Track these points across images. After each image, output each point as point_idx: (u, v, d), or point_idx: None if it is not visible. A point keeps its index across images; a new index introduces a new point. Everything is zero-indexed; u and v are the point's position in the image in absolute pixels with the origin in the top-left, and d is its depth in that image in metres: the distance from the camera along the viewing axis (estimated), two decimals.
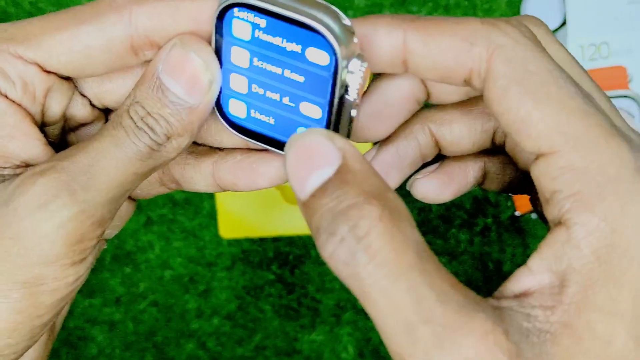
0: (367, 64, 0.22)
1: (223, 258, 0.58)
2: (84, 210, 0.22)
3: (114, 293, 0.59)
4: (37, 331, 0.23)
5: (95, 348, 0.60)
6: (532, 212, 0.56)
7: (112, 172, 0.23)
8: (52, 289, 0.23)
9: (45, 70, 0.24)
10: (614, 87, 0.51)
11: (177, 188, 0.28)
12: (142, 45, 0.23)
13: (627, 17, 0.50)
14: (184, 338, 0.60)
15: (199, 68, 0.23)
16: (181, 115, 0.23)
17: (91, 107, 0.26)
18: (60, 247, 0.22)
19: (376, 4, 0.54)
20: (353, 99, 0.23)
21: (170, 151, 0.24)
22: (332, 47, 0.22)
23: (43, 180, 0.22)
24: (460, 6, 0.54)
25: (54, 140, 0.26)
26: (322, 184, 0.20)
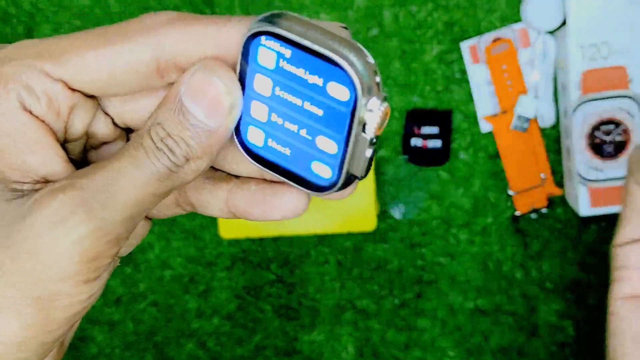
0: (387, 104, 0.22)
1: (223, 258, 0.58)
2: (101, 228, 0.22)
3: (114, 293, 0.59)
4: (48, 347, 0.23)
5: (95, 348, 0.60)
6: (532, 212, 0.56)
7: (131, 192, 0.23)
8: (64, 305, 0.23)
9: (71, 88, 0.24)
10: (614, 87, 0.51)
11: (191, 210, 0.28)
12: (167, 69, 0.24)
13: (627, 17, 0.50)
14: (184, 338, 0.60)
15: (220, 92, 0.23)
16: (201, 138, 0.23)
17: (113, 125, 0.26)
18: (76, 264, 0.22)
19: (376, 4, 0.54)
20: (369, 138, 0.23)
21: (189, 173, 0.24)
22: (353, 83, 0.22)
23: (61, 196, 0.22)
24: (460, 6, 0.54)
25: (76, 158, 0.26)
26: None
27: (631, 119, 0.52)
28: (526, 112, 0.54)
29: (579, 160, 0.52)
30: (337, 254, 0.58)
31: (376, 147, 0.23)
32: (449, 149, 0.56)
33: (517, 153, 0.55)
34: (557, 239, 0.57)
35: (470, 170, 0.56)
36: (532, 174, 0.56)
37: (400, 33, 0.54)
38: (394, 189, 0.57)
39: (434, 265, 0.58)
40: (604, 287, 0.57)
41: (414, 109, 0.55)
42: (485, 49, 0.54)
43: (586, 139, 0.52)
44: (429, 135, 0.55)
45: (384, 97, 0.22)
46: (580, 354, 0.58)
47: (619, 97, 0.51)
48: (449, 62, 0.55)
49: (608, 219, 0.56)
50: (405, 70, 0.55)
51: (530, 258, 0.57)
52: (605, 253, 0.56)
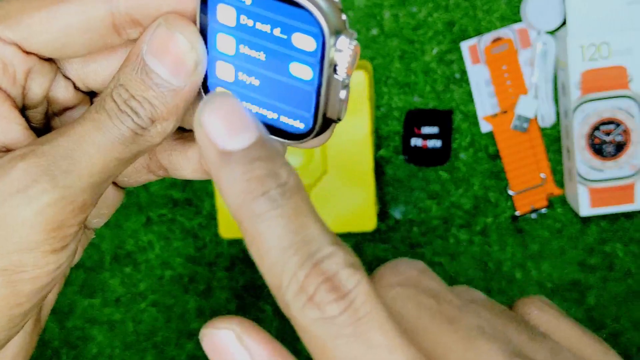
0: (356, 42, 0.21)
1: (223, 258, 0.58)
2: (64, 196, 0.22)
3: (114, 293, 0.59)
4: (17, 321, 0.23)
5: (95, 348, 0.60)
6: (532, 212, 0.56)
7: (94, 157, 0.22)
8: (32, 277, 0.22)
9: (25, 51, 0.23)
10: (614, 87, 0.51)
11: (164, 175, 0.27)
12: (124, 24, 0.23)
13: (627, 17, 0.50)
14: (184, 338, 0.60)
15: (184, 49, 0.22)
16: (166, 98, 0.22)
17: (75, 90, 0.25)
18: (40, 233, 0.21)
19: (376, 4, 0.54)
20: (342, 79, 0.22)
21: (155, 136, 0.23)
22: (319, 23, 0.21)
23: (22, 164, 0.21)
24: (460, 6, 0.54)
25: (38, 125, 0.25)
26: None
27: (631, 119, 0.52)
28: (526, 112, 0.54)
29: (579, 160, 0.52)
30: None
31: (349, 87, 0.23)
32: (449, 149, 0.56)
33: (517, 153, 0.55)
34: (557, 239, 0.57)
35: (470, 170, 0.56)
36: (532, 174, 0.56)
37: (400, 33, 0.54)
38: (394, 189, 0.57)
39: (434, 265, 0.58)
40: (604, 287, 0.57)
41: (414, 109, 0.55)
42: (485, 49, 0.54)
43: (586, 139, 0.52)
44: (429, 135, 0.55)
45: (353, 35, 0.22)
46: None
47: (619, 97, 0.51)
48: (449, 62, 0.55)
49: (608, 219, 0.56)
50: (405, 70, 0.55)
51: (530, 258, 0.57)
52: (605, 253, 0.56)
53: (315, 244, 0.18)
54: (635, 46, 0.50)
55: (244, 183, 0.19)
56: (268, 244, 0.19)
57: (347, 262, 0.18)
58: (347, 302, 0.18)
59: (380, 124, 0.56)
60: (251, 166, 0.19)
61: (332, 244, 0.19)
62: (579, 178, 0.53)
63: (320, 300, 0.18)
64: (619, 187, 0.53)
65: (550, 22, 0.52)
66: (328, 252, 0.18)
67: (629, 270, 0.57)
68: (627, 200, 0.53)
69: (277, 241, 0.18)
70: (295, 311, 0.18)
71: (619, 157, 0.52)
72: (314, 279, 0.18)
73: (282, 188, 0.19)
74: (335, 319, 0.18)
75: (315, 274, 0.18)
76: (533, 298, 0.23)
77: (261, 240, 0.19)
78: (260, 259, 0.19)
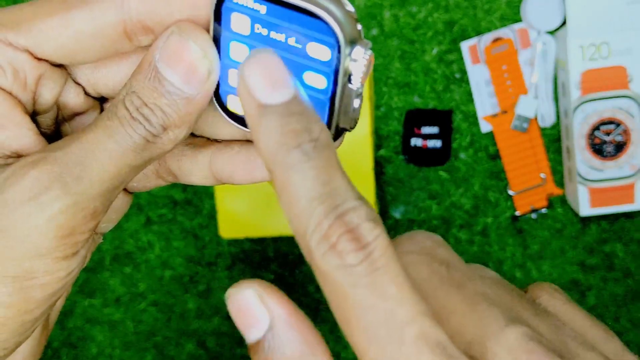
0: (371, 51, 0.22)
1: (223, 258, 0.58)
2: (76, 202, 0.22)
3: (114, 293, 0.59)
4: (28, 326, 0.23)
5: (95, 348, 0.60)
6: (532, 212, 0.56)
7: (106, 164, 0.22)
8: (43, 283, 0.22)
9: (37, 57, 0.23)
10: (614, 87, 0.51)
11: (173, 181, 0.27)
12: (135, 31, 0.23)
13: (627, 17, 0.50)
14: (184, 338, 0.60)
15: (197, 57, 0.22)
16: (178, 106, 0.22)
17: (85, 95, 0.25)
18: (52, 240, 0.22)
19: (376, 4, 0.54)
20: (356, 88, 0.22)
21: (166, 143, 0.23)
22: (335, 34, 0.21)
23: (35, 171, 0.22)
24: (460, 6, 0.54)
25: (48, 131, 0.25)
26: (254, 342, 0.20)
27: (631, 119, 0.52)
28: (526, 112, 0.54)
29: (579, 160, 0.52)
30: None
31: (362, 96, 0.23)
32: (449, 149, 0.56)
33: (517, 153, 0.55)
34: (557, 239, 0.57)
35: (470, 170, 0.56)
36: (532, 174, 0.56)
37: (400, 33, 0.54)
38: (394, 189, 0.57)
39: None
40: (604, 287, 0.57)
41: (414, 109, 0.55)
42: (485, 49, 0.54)
43: (586, 139, 0.52)
44: (429, 135, 0.55)
45: (368, 45, 0.22)
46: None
47: (619, 97, 0.51)
48: (449, 62, 0.55)
49: (608, 219, 0.56)
50: (405, 70, 0.55)
51: (530, 258, 0.57)
52: (605, 253, 0.56)
53: (341, 197, 0.19)
54: (635, 46, 0.50)
55: (280, 135, 0.20)
56: (297, 193, 0.19)
57: (369, 217, 0.19)
58: (366, 253, 0.18)
59: (380, 124, 0.56)
60: (288, 119, 0.20)
61: (357, 198, 0.19)
62: (579, 178, 0.53)
63: (342, 248, 0.18)
64: (619, 187, 0.53)
65: (550, 22, 0.52)
66: (352, 205, 0.19)
67: (629, 270, 0.57)
68: (627, 200, 0.53)
69: (306, 191, 0.19)
70: (317, 257, 0.19)
71: (619, 157, 0.52)
72: (337, 228, 0.19)
73: (315, 142, 0.20)
74: (354, 268, 0.18)
75: (339, 224, 0.19)
76: (544, 284, 0.24)
77: (291, 189, 0.19)
78: (288, 206, 0.20)
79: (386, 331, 0.18)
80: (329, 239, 0.19)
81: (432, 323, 0.18)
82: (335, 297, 0.19)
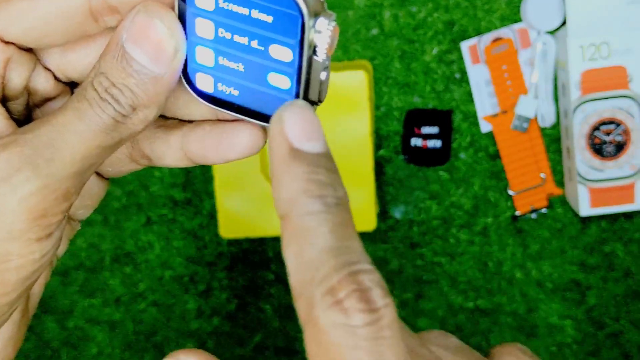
0: (335, 23, 0.22)
1: (223, 258, 0.58)
2: (47, 184, 0.22)
3: (114, 293, 0.59)
4: (5, 310, 0.23)
5: (95, 348, 0.60)
6: (532, 212, 0.56)
7: (76, 146, 0.22)
8: (17, 266, 0.22)
9: (3, 41, 0.23)
10: (614, 87, 0.51)
11: (148, 164, 0.27)
12: (101, 11, 0.23)
13: (627, 17, 0.50)
14: (184, 338, 0.60)
15: (163, 35, 0.22)
16: (146, 86, 0.22)
17: (55, 80, 0.25)
18: (24, 222, 0.22)
19: (376, 4, 0.54)
20: (322, 60, 0.22)
21: (137, 123, 0.23)
22: (298, 5, 0.21)
23: (5, 154, 0.22)
24: (460, 6, 0.54)
25: (19, 117, 0.25)
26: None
27: (631, 119, 0.52)
28: (526, 112, 0.54)
29: (579, 160, 0.52)
30: None
31: (329, 68, 0.23)
32: (449, 149, 0.56)
33: (517, 153, 0.55)
34: (557, 239, 0.57)
35: (470, 170, 0.56)
36: (532, 174, 0.56)
37: (400, 33, 0.54)
38: (394, 189, 0.57)
39: (434, 265, 0.58)
40: (604, 287, 0.57)
41: (414, 109, 0.55)
42: (485, 49, 0.54)
43: (586, 139, 0.52)
44: (429, 135, 0.55)
45: (332, 17, 0.22)
46: (580, 354, 0.58)
47: (619, 97, 0.51)
48: (449, 62, 0.55)
49: (608, 219, 0.56)
50: (405, 70, 0.55)
51: (530, 258, 0.57)
52: (605, 253, 0.56)
53: (355, 256, 0.19)
54: (635, 46, 0.50)
55: (305, 182, 0.20)
56: (311, 240, 0.19)
57: (381, 284, 0.18)
58: (375, 317, 0.18)
59: (380, 124, 0.56)
60: (316, 169, 0.20)
61: (371, 264, 0.19)
62: (579, 178, 0.53)
63: (349, 306, 0.18)
64: (619, 187, 0.53)
65: (550, 22, 0.52)
66: (366, 268, 0.19)
67: (629, 270, 0.57)
68: (627, 200, 0.53)
69: (321, 240, 0.19)
70: (319, 310, 0.18)
71: (619, 157, 0.52)
72: (347, 285, 0.18)
73: (338, 199, 0.20)
74: (357, 329, 0.18)
75: (350, 282, 0.18)
76: (511, 347, 0.24)
77: (306, 235, 0.19)
78: (299, 253, 0.19)
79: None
80: (336, 294, 0.18)
81: None
82: (328, 356, 0.18)
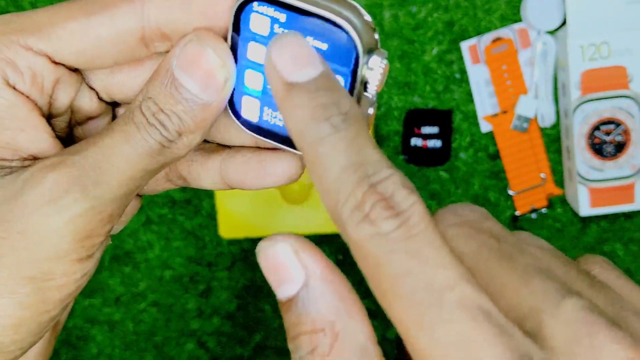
0: (387, 61, 0.22)
1: (223, 258, 0.58)
2: (94, 206, 0.22)
3: (114, 293, 0.59)
4: (44, 326, 0.23)
5: (95, 348, 0.60)
6: (532, 212, 0.56)
7: (123, 169, 0.23)
8: (60, 285, 0.22)
9: (54, 62, 0.24)
10: (614, 87, 0.51)
11: (183, 184, 0.27)
12: (152, 37, 0.23)
13: (627, 17, 0.50)
14: (184, 338, 0.60)
15: (214, 65, 0.23)
16: (194, 112, 0.23)
17: (99, 100, 0.26)
18: (69, 243, 0.22)
19: (376, 4, 0.54)
20: (371, 96, 0.23)
21: (181, 148, 0.23)
22: (354, 42, 0.21)
23: (54, 174, 0.22)
24: (460, 6, 0.54)
25: (61, 134, 0.26)
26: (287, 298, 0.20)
27: (631, 119, 0.52)
28: (526, 112, 0.54)
29: (579, 160, 0.52)
30: (337, 253, 0.58)
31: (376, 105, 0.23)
32: (449, 149, 0.56)
33: (517, 153, 0.55)
34: (557, 239, 0.57)
35: (470, 170, 0.56)
36: (532, 174, 0.56)
37: (400, 33, 0.54)
38: None
39: None
40: None
41: (414, 109, 0.55)
42: (485, 49, 0.54)
43: (586, 139, 0.52)
44: (429, 135, 0.55)
45: (384, 55, 0.22)
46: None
47: (619, 97, 0.51)
48: (449, 62, 0.55)
49: (608, 218, 0.56)
50: (405, 70, 0.55)
51: None
52: (606, 253, 0.56)
53: (373, 166, 0.19)
54: (635, 46, 0.50)
55: (308, 110, 0.20)
56: (328, 165, 0.19)
57: (403, 184, 0.18)
58: (402, 219, 0.18)
59: (380, 124, 0.56)
60: (315, 94, 0.20)
61: (390, 167, 0.19)
62: (579, 178, 0.53)
63: (376, 216, 0.18)
64: (619, 187, 0.53)
65: (550, 22, 0.52)
66: (386, 174, 0.19)
67: (629, 270, 0.57)
68: (627, 200, 0.53)
69: (337, 162, 0.19)
70: (350, 228, 0.18)
71: (619, 157, 0.52)
72: (371, 197, 0.18)
73: (344, 115, 0.19)
74: (389, 235, 0.18)
75: (372, 192, 0.18)
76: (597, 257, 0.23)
77: (321, 162, 0.19)
78: (319, 180, 0.19)
79: (425, 297, 0.17)
80: (362, 209, 0.18)
81: (474, 288, 0.17)
82: (370, 268, 0.18)
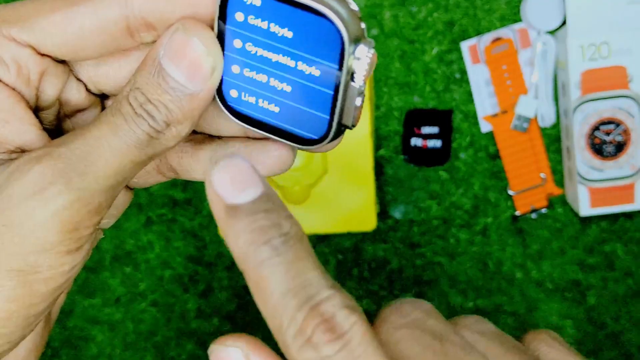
0: (374, 50, 0.22)
1: (223, 258, 0.58)
2: (80, 198, 0.22)
3: (114, 293, 0.59)
4: (32, 320, 0.23)
5: (95, 348, 0.60)
6: (532, 212, 0.56)
7: (110, 160, 0.22)
8: (47, 277, 0.22)
9: (40, 53, 0.23)
10: (614, 87, 0.51)
11: (174, 177, 0.27)
12: (138, 27, 0.23)
13: (627, 17, 0.50)
14: (184, 338, 0.60)
15: (201, 54, 0.22)
16: (181, 102, 0.23)
17: (87, 92, 0.25)
18: (56, 235, 0.22)
19: (376, 4, 0.54)
20: (359, 86, 0.22)
21: (170, 139, 0.23)
22: (339, 31, 0.21)
23: (39, 166, 0.22)
24: (460, 6, 0.54)
25: (49, 126, 0.25)
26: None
27: (631, 119, 0.52)
28: (526, 112, 0.54)
29: (579, 160, 0.52)
30: (337, 253, 0.58)
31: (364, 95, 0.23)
32: (449, 149, 0.56)
33: (517, 153, 0.55)
34: (557, 239, 0.57)
35: (470, 170, 0.56)
36: (532, 174, 0.56)
37: (400, 33, 0.54)
38: (394, 189, 0.57)
39: (434, 265, 0.58)
40: (604, 287, 0.57)
41: (414, 109, 0.55)
42: (485, 49, 0.54)
43: (586, 139, 0.52)
44: (429, 135, 0.55)
45: (371, 44, 0.22)
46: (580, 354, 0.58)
47: (619, 97, 0.51)
48: (449, 62, 0.55)
49: (608, 218, 0.56)
50: (405, 70, 0.55)
51: (530, 258, 0.57)
52: (605, 253, 0.56)
53: (313, 288, 0.19)
54: (635, 46, 0.50)
55: (249, 234, 0.20)
56: (269, 289, 0.19)
57: (344, 304, 0.19)
58: (343, 342, 0.18)
59: (380, 124, 0.56)
60: (255, 217, 0.20)
61: (330, 287, 0.19)
62: (579, 178, 0.53)
63: (318, 341, 0.18)
64: (619, 187, 0.53)
65: (550, 22, 0.52)
66: (326, 295, 0.19)
67: (629, 270, 0.57)
68: (627, 200, 0.53)
69: (278, 286, 0.19)
70: (294, 352, 0.19)
71: (619, 157, 0.52)
72: (311, 320, 0.18)
73: (284, 237, 0.20)
74: (332, 358, 0.18)
75: (313, 316, 0.18)
76: (542, 333, 0.24)
77: (263, 286, 0.19)
78: (262, 304, 0.19)
79: None
80: (304, 333, 0.18)
81: None
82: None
